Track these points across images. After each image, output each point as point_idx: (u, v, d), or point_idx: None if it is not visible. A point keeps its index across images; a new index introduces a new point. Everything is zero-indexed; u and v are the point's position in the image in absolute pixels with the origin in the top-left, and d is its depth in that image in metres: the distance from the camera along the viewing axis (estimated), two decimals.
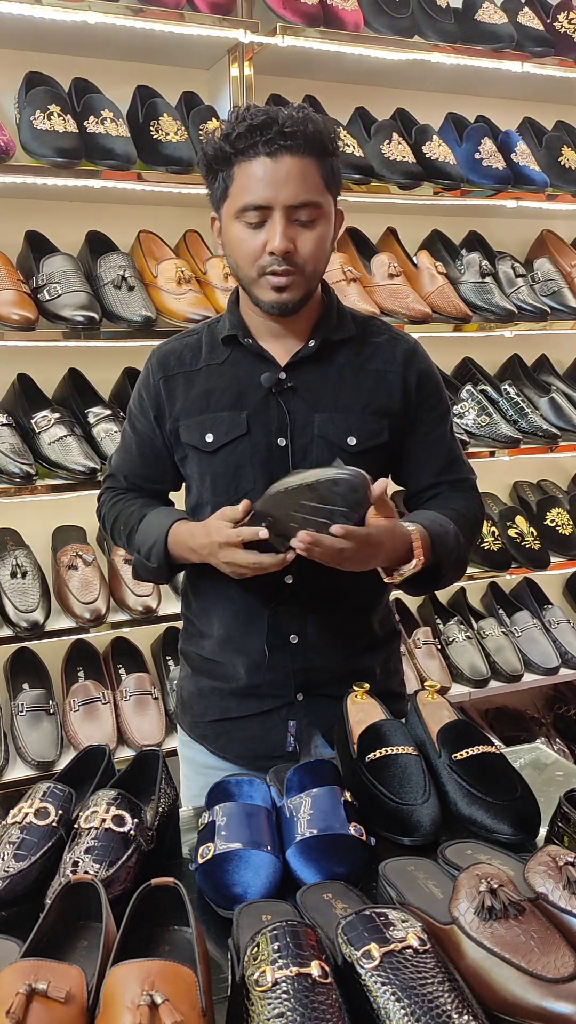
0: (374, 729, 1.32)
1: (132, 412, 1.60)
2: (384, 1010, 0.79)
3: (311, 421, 1.46)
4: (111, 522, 1.61)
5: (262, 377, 1.46)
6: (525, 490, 3.14)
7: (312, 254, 1.37)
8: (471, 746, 1.28)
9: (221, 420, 1.47)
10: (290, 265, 1.36)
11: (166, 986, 0.78)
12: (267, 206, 1.33)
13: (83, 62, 2.34)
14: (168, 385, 1.52)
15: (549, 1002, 0.82)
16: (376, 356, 1.51)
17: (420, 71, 2.55)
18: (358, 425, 1.47)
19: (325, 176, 1.36)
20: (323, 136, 1.35)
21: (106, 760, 1.29)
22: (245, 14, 2.33)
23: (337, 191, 1.42)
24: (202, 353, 1.52)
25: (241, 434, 1.46)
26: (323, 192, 1.37)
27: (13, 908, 1.03)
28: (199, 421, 1.49)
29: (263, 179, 1.32)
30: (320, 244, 1.38)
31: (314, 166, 1.35)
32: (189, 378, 1.51)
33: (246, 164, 1.33)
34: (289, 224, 1.34)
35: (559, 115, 2.94)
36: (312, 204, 1.35)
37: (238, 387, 1.48)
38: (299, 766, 1.23)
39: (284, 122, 1.31)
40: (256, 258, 1.36)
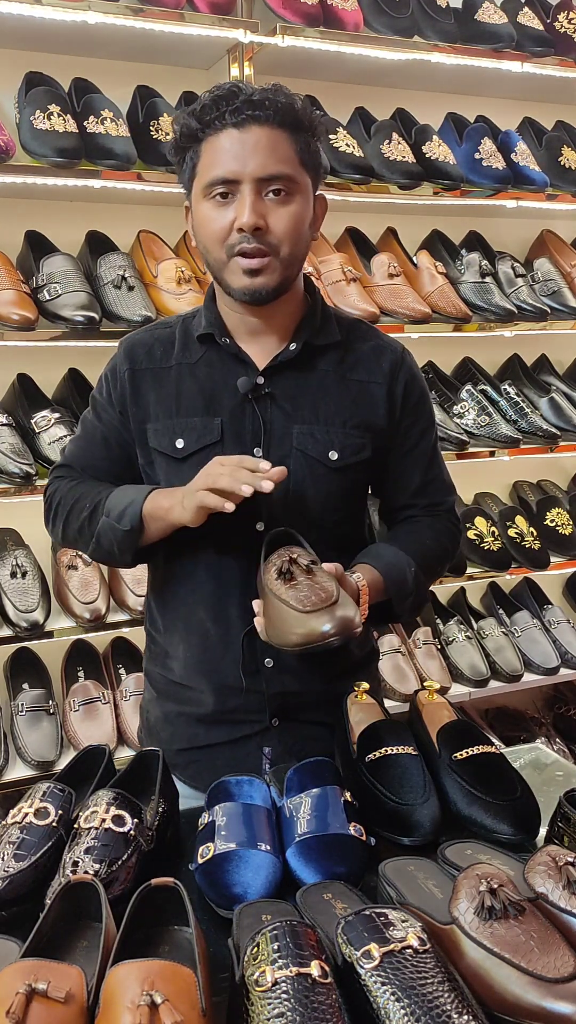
0: (374, 729, 1.32)
1: (97, 400, 1.48)
2: (384, 1010, 0.79)
3: (290, 432, 1.36)
4: (71, 502, 1.44)
5: (238, 381, 1.36)
6: (525, 490, 3.14)
7: (286, 232, 1.26)
8: (471, 746, 1.28)
9: (192, 425, 1.37)
10: (262, 244, 1.25)
11: (166, 986, 0.78)
12: (234, 179, 1.24)
13: (83, 62, 2.34)
14: (135, 380, 1.42)
15: (549, 1002, 0.82)
16: (361, 365, 1.41)
17: (420, 71, 2.55)
18: (340, 439, 1.37)
19: (299, 151, 1.27)
20: (296, 110, 1.26)
21: (106, 760, 1.29)
22: (245, 14, 2.33)
23: (315, 172, 1.32)
24: (174, 349, 1.41)
25: (213, 441, 1.36)
26: (296, 166, 1.26)
27: (13, 908, 1.03)
28: (169, 425, 1.39)
29: (230, 151, 1.23)
30: (295, 222, 1.27)
31: (286, 138, 1.25)
32: (158, 376, 1.41)
33: (213, 138, 1.25)
34: (259, 198, 1.24)
35: (559, 115, 2.94)
36: (284, 177, 1.25)
37: (212, 390, 1.38)
38: (299, 766, 1.23)
39: (252, 93, 1.23)
40: (224, 237, 1.26)
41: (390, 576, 1.35)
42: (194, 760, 1.46)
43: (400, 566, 1.37)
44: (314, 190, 1.33)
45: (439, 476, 1.51)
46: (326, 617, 1.08)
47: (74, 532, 1.45)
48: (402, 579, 1.36)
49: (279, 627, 1.13)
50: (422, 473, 1.48)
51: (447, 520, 1.50)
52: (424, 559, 1.41)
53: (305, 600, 1.11)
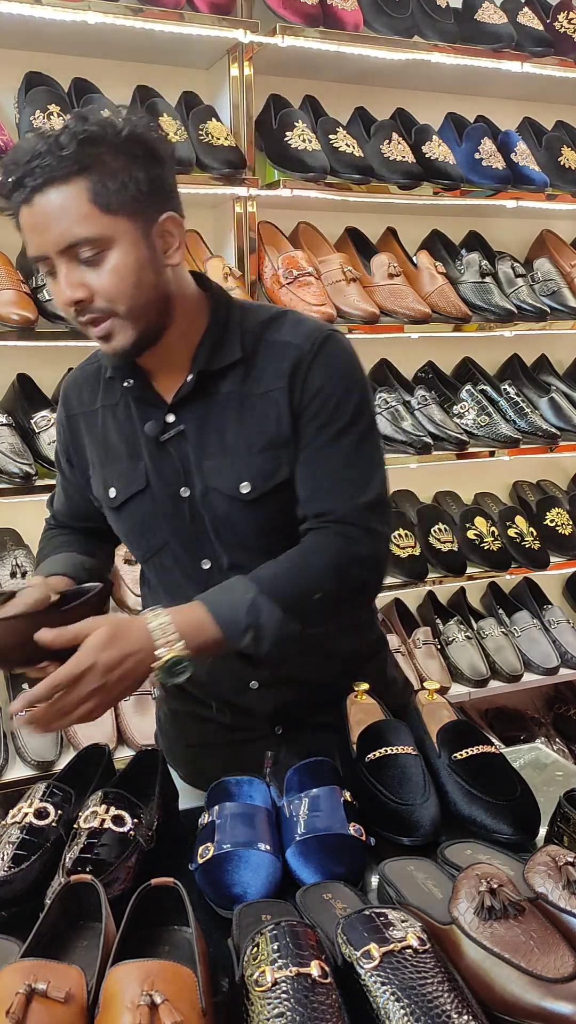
0: (374, 729, 1.32)
1: (57, 450, 1.48)
2: (384, 1010, 0.79)
3: (202, 469, 1.27)
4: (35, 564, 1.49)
5: (146, 426, 1.28)
6: (525, 490, 3.14)
7: (112, 291, 1.14)
8: (471, 746, 1.28)
9: (121, 472, 1.32)
10: (95, 312, 1.16)
11: (166, 986, 0.78)
12: (43, 256, 1.15)
13: (83, 62, 2.33)
14: (72, 426, 1.40)
15: (549, 1002, 0.82)
16: (265, 374, 1.25)
17: (420, 71, 2.55)
18: (248, 468, 1.24)
19: (99, 198, 1.11)
20: (81, 151, 1.09)
21: (106, 760, 1.29)
22: (245, 14, 2.33)
23: (138, 205, 1.14)
24: (99, 390, 1.35)
25: (141, 488, 1.30)
26: (97, 217, 1.11)
27: (13, 908, 1.03)
28: (101, 474, 1.35)
29: (29, 229, 1.14)
30: (119, 276, 1.14)
31: (76, 192, 1.10)
32: (89, 420, 1.36)
33: (19, 219, 1.16)
34: (75, 267, 1.13)
35: (559, 115, 2.94)
36: (84, 239, 1.11)
37: (132, 433, 1.31)
38: (299, 766, 1.23)
39: (27, 159, 1.10)
40: (68, 312, 1.18)
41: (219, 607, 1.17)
42: (197, 758, 1.48)
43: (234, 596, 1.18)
44: (148, 224, 1.16)
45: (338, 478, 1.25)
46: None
47: None
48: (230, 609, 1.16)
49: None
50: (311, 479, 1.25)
51: (334, 533, 1.23)
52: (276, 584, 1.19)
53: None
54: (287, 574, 1.21)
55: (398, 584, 2.60)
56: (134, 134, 1.14)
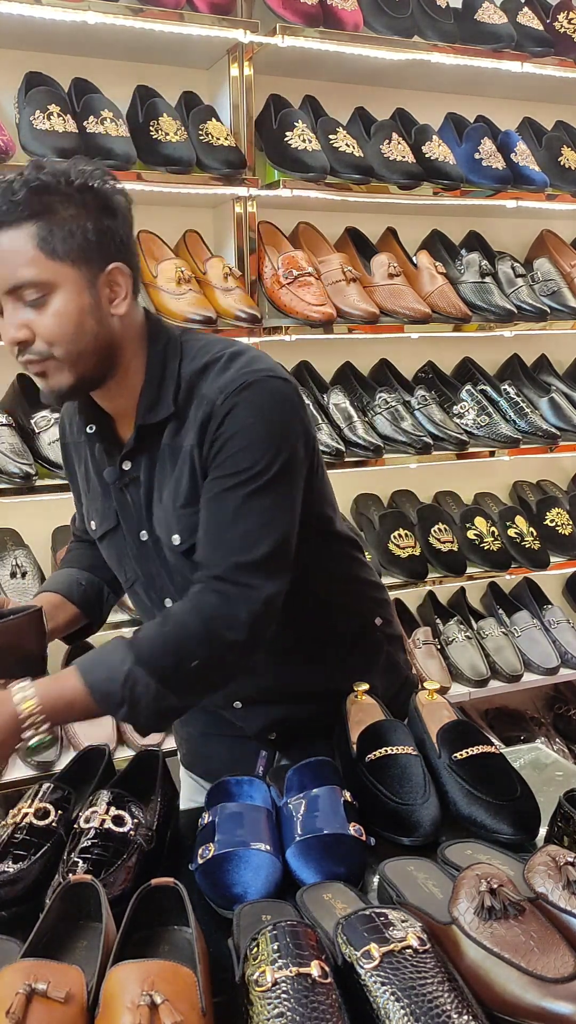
0: (374, 729, 1.32)
1: None
2: (384, 1010, 0.79)
3: (152, 516, 1.30)
4: None
5: (104, 472, 1.32)
6: (525, 490, 3.14)
7: (52, 334, 1.16)
8: (471, 746, 1.28)
9: (98, 508, 1.38)
10: (32, 354, 1.18)
11: (166, 986, 0.78)
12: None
13: (83, 62, 2.33)
14: (66, 453, 1.47)
15: (549, 1002, 0.82)
16: (188, 429, 1.24)
17: (420, 71, 2.55)
18: (176, 521, 1.26)
19: (45, 244, 1.14)
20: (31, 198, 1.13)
21: (106, 760, 1.29)
22: (245, 14, 2.33)
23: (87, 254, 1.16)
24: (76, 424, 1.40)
25: (112, 527, 1.36)
26: (43, 262, 1.14)
27: (13, 908, 1.03)
28: (87, 505, 1.41)
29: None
30: (61, 321, 1.16)
31: (23, 237, 1.13)
32: (78, 451, 1.42)
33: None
34: (19, 308, 1.16)
35: (559, 115, 2.94)
36: (28, 283, 1.14)
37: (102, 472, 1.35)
38: (299, 766, 1.23)
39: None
40: (12, 351, 1.21)
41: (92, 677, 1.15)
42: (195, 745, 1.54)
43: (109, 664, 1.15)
44: (93, 274, 1.18)
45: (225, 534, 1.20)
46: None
47: None
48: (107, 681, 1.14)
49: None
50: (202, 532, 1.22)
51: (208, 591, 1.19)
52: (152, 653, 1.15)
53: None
54: (164, 641, 1.17)
55: (398, 584, 2.60)
56: (86, 186, 1.17)
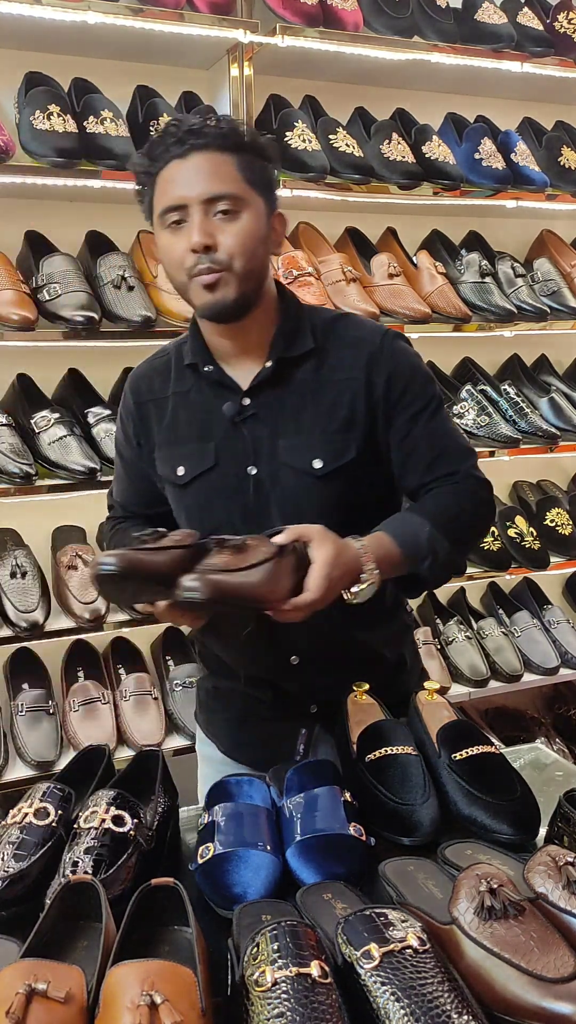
0: (374, 729, 1.33)
1: (118, 440, 1.58)
2: (384, 1010, 0.79)
3: (276, 448, 1.40)
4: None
5: (224, 407, 1.41)
6: (525, 490, 3.14)
7: (237, 247, 1.30)
8: (471, 746, 1.28)
9: (190, 452, 1.44)
10: (214, 262, 1.29)
11: (166, 986, 0.78)
12: (182, 204, 1.29)
13: (83, 62, 2.33)
14: (141, 412, 1.50)
15: (549, 1002, 0.82)
16: (339, 365, 1.41)
17: (420, 71, 2.55)
18: (322, 446, 1.39)
19: (244, 171, 1.31)
20: (238, 134, 1.32)
21: (106, 760, 1.29)
22: (245, 14, 2.33)
23: (267, 192, 1.35)
24: (170, 379, 1.48)
25: (210, 467, 1.42)
26: (241, 185, 1.30)
27: (13, 908, 1.03)
28: (170, 454, 1.46)
29: (175, 179, 1.30)
30: (246, 237, 1.30)
31: (228, 160, 1.30)
32: (160, 406, 1.48)
33: (163, 172, 1.32)
34: (207, 219, 1.29)
35: (559, 115, 2.94)
36: (229, 196, 1.29)
37: (203, 416, 1.44)
38: (299, 766, 1.23)
39: (193, 124, 1.30)
40: (182, 261, 1.31)
41: (403, 538, 1.33)
42: (235, 731, 1.58)
43: (413, 528, 1.35)
44: (269, 210, 1.36)
45: (448, 446, 1.46)
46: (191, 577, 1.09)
47: None
48: (415, 540, 1.34)
49: None
50: (428, 451, 1.44)
51: (466, 484, 1.46)
52: (442, 520, 1.38)
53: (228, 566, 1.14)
54: (448, 512, 1.40)
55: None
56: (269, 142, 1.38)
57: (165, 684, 2.43)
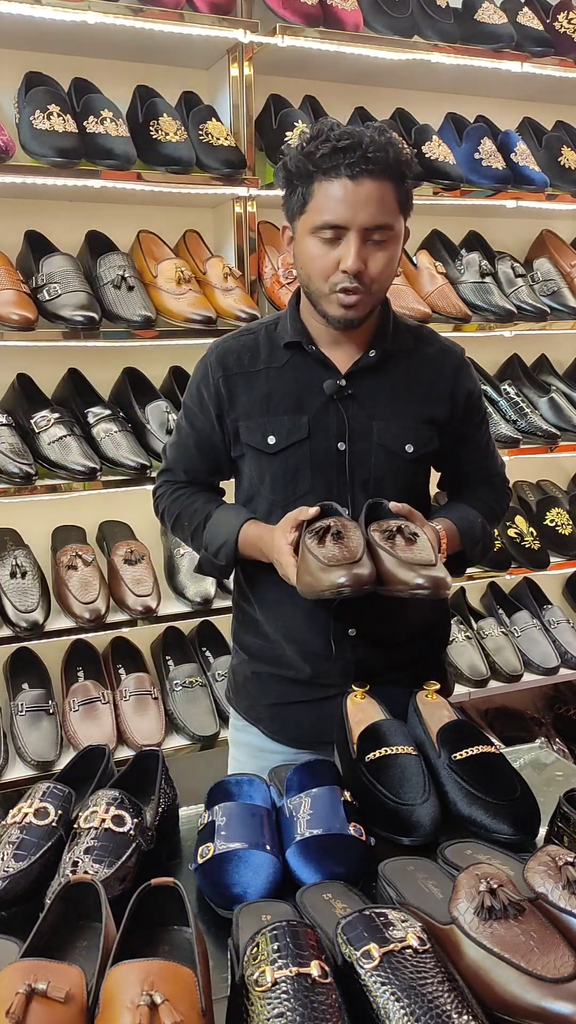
0: (374, 729, 1.33)
1: (189, 408, 1.63)
2: (384, 1010, 0.79)
3: (370, 428, 1.52)
4: (172, 518, 1.66)
5: (324, 384, 1.51)
6: (525, 490, 3.14)
7: (381, 274, 1.42)
8: (471, 746, 1.28)
9: (282, 423, 1.53)
10: (359, 284, 1.40)
11: (166, 986, 0.78)
12: (344, 226, 1.38)
13: (83, 62, 2.33)
14: (228, 383, 1.57)
15: (549, 1002, 0.82)
16: (429, 367, 1.58)
17: (420, 71, 2.55)
18: (414, 434, 1.55)
19: (400, 200, 1.41)
20: (402, 163, 1.40)
21: (106, 760, 1.29)
22: (245, 14, 2.33)
23: (408, 213, 1.47)
24: (261, 355, 1.56)
25: (302, 438, 1.52)
26: (396, 215, 1.42)
27: (13, 908, 1.03)
28: (261, 423, 1.54)
29: (343, 200, 1.37)
30: (389, 265, 1.43)
31: (392, 190, 1.39)
32: (249, 379, 1.56)
33: (327, 183, 1.38)
34: (363, 245, 1.39)
35: (559, 115, 2.94)
36: (386, 227, 1.40)
37: (299, 392, 1.53)
38: (299, 766, 1.23)
39: (368, 146, 1.35)
40: (329, 274, 1.41)
41: (463, 525, 1.56)
42: (280, 715, 1.63)
43: (470, 517, 1.59)
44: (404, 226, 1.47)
45: (493, 453, 1.75)
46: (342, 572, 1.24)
47: (180, 539, 1.73)
48: (472, 528, 1.58)
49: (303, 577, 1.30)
50: (481, 455, 1.71)
51: (500, 485, 1.75)
52: (485, 513, 1.64)
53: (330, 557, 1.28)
54: (489, 507, 1.67)
55: None
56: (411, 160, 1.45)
57: (165, 684, 2.43)
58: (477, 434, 1.68)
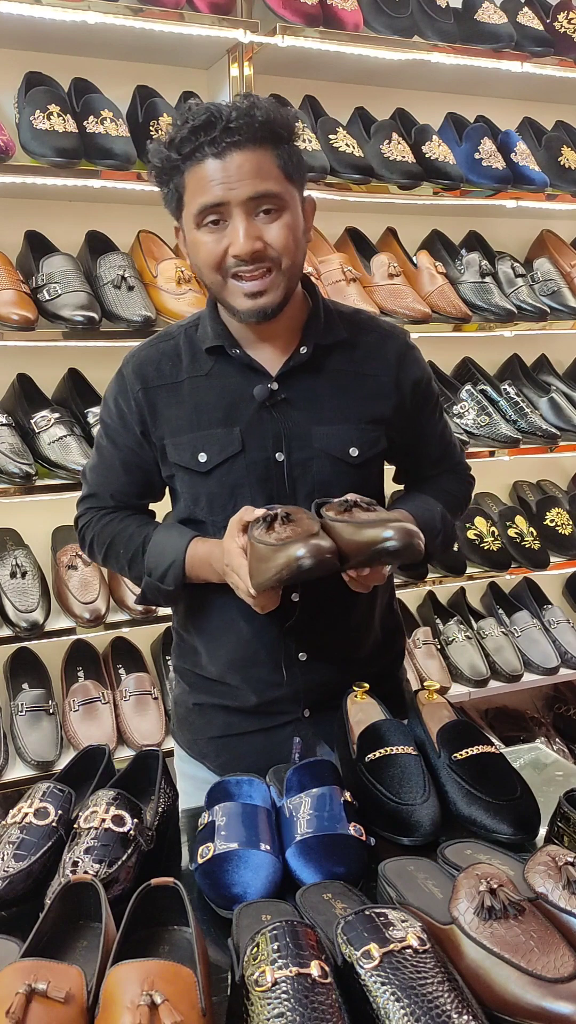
0: (374, 729, 1.32)
1: (109, 426, 1.48)
2: (384, 1010, 0.79)
3: (309, 434, 1.39)
4: (104, 547, 1.50)
5: (254, 390, 1.37)
6: (525, 490, 3.14)
7: (284, 245, 1.28)
8: (471, 746, 1.28)
9: (214, 438, 1.39)
10: (262, 262, 1.27)
11: (166, 986, 0.78)
12: (222, 203, 1.25)
13: (83, 62, 2.33)
14: (149, 397, 1.43)
15: (549, 1002, 0.82)
16: (369, 358, 1.44)
17: (420, 71, 2.55)
18: (359, 436, 1.41)
19: (283, 164, 1.27)
20: (274, 124, 1.26)
21: (106, 760, 1.29)
22: (245, 14, 2.33)
23: (301, 179, 1.32)
24: (182, 363, 1.42)
25: (236, 452, 1.38)
26: (281, 181, 1.27)
27: (13, 908, 1.03)
28: (190, 440, 1.40)
29: (214, 179, 1.25)
30: (290, 234, 1.28)
31: (268, 156, 1.26)
32: (172, 391, 1.42)
33: (195, 168, 1.26)
34: (251, 221, 1.26)
35: (559, 115, 2.94)
36: (271, 195, 1.26)
37: (228, 401, 1.40)
38: (299, 766, 1.23)
39: (227, 118, 1.23)
40: (220, 262, 1.28)
41: (421, 515, 1.42)
42: (226, 748, 1.50)
43: (429, 506, 1.48)
44: (301, 195, 1.33)
45: (452, 442, 1.62)
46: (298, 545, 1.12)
47: (115, 570, 1.57)
48: (431, 517, 1.45)
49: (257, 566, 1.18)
50: (438, 448, 1.58)
51: (460, 473, 1.63)
52: (447, 503, 1.53)
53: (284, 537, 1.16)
54: (451, 496, 1.56)
55: (398, 584, 2.60)
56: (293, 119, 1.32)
57: (165, 684, 2.43)
58: (431, 425, 1.54)
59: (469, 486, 1.65)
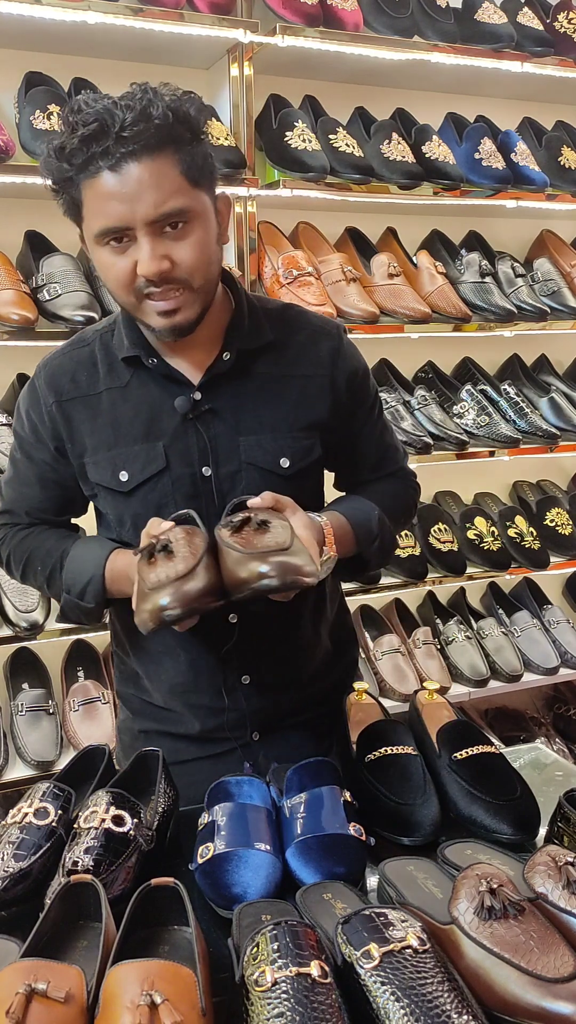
0: (374, 729, 1.33)
1: (23, 439, 1.38)
2: (384, 1010, 0.79)
3: (236, 446, 1.30)
4: (21, 564, 1.41)
5: (176, 402, 1.28)
6: (525, 490, 3.14)
7: (194, 264, 1.17)
8: (471, 746, 1.28)
9: (134, 455, 1.30)
10: (171, 283, 1.17)
11: (166, 986, 0.78)
12: (126, 227, 1.14)
13: (83, 62, 2.33)
14: (64, 411, 1.32)
15: (549, 1002, 0.82)
16: (300, 359, 1.34)
17: (420, 71, 2.55)
18: (289, 445, 1.32)
19: (186, 170, 1.14)
20: (173, 123, 1.12)
21: (106, 760, 1.29)
22: (245, 14, 2.33)
23: (210, 181, 1.20)
24: (99, 373, 1.32)
25: (160, 469, 1.29)
26: (187, 190, 1.15)
27: (13, 908, 1.03)
28: (109, 457, 1.31)
29: (113, 196, 1.12)
30: (201, 250, 1.17)
31: (169, 163, 1.13)
32: (89, 404, 1.32)
33: (90, 182, 1.14)
34: (157, 240, 1.14)
35: (559, 115, 2.94)
36: (177, 211, 1.14)
37: (149, 414, 1.30)
38: (299, 766, 1.23)
39: (120, 123, 1.09)
40: (129, 282, 1.17)
41: (355, 517, 1.34)
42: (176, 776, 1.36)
43: (364, 509, 1.37)
44: (212, 196, 1.22)
45: (391, 444, 1.50)
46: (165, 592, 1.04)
47: (35, 588, 1.48)
48: (367, 520, 1.35)
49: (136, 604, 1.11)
50: (376, 448, 1.47)
51: (402, 478, 1.52)
52: (387, 506, 1.41)
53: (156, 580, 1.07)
54: (390, 501, 1.44)
55: (398, 584, 2.60)
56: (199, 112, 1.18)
57: None
58: (368, 425, 1.42)
59: (414, 492, 1.53)
